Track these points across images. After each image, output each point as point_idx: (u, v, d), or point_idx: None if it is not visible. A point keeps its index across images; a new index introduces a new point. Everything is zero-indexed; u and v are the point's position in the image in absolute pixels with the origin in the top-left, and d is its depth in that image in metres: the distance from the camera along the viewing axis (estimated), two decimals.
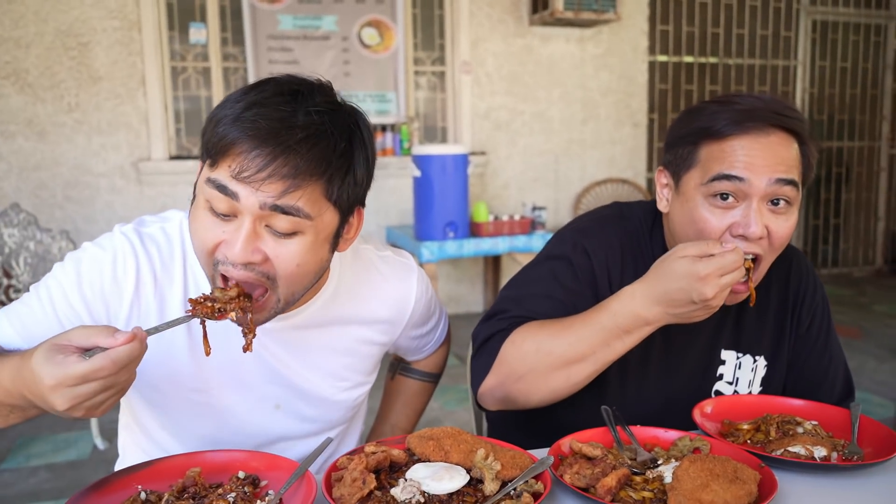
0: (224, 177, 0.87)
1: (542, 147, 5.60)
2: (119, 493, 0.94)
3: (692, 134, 1.12)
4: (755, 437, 1.16)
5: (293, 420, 1.16)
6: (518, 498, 0.91)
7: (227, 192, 0.87)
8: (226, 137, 0.85)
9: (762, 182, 1.06)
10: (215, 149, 0.87)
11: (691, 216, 1.12)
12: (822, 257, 6.95)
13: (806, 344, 1.33)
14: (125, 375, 0.80)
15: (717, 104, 1.12)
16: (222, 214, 0.89)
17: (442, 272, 5.37)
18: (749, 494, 0.90)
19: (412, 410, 1.41)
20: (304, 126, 0.86)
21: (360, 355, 1.18)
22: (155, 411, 1.15)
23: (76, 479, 2.84)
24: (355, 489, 0.90)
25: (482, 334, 1.20)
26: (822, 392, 1.32)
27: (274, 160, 0.84)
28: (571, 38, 5.54)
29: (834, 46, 6.61)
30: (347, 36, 5.04)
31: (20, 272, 3.14)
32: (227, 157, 0.86)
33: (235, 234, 0.88)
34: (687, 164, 1.13)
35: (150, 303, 1.00)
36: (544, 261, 1.25)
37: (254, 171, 0.84)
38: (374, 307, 1.16)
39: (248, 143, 0.85)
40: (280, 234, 0.90)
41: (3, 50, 4.40)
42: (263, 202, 0.87)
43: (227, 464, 1.01)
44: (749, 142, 1.06)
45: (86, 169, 4.62)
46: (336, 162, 0.89)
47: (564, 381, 1.11)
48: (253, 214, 0.88)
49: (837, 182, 6.89)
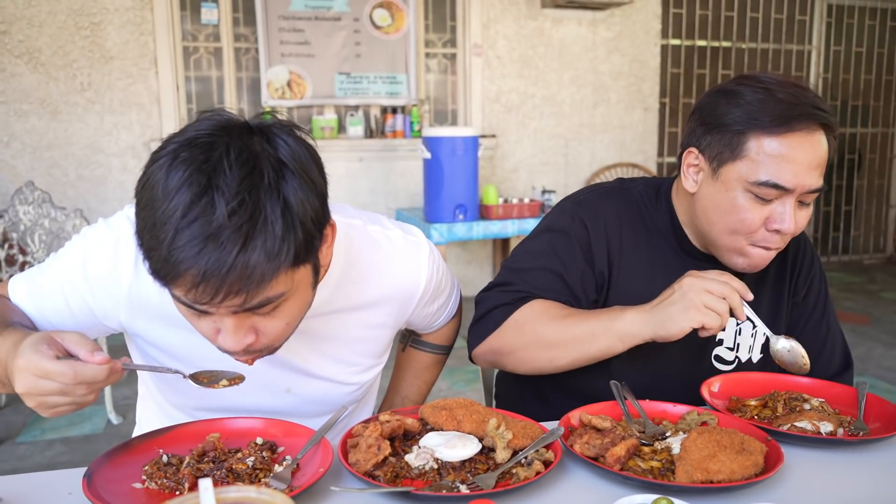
0: (184, 297, 0.84)
1: (553, 131, 5.59)
2: (141, 456, 0.97)
3: (738, 123, 1.13)
4: (762, 413, 1.18)
5: (305, 402, 1.17)
6: (529, 466, 0.93)
7: (195, 310, 0.86)
8: (167, 273, 0.81)
9: (803, 189, 1.13)
10: (160, 277, 0.83)
11: (732, 205, 1.16)
12: (832, 244, 6.92)
13: (803, 313, 1.36)
14: (83, 391, 0.84)
15: (753, 89, 1.14)
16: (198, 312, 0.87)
17: (451, 254, 5.39)
18: (755, 465, 0.92)
19: (423, 382, 1.43)
20: (235, 230, 0.79)
21: (370, 340, 1.18)
22: (169, 388, 1.17)
23: (91, 452, 2.89)
24: (370, 455, 0.93)
25: (486, 303, 1.27)
26: (821, 363, 1.34)
27: (222, 284, 0.80)
28: (584, 21, 5.51)
29: (849, 31, 6.54)
30: (359, 17, 5.03)
31: (35, 249, 3.18)
32: (177, 286, 0.83)
33: (221, 324, 0.88)
34: (734, 155, 1.14)
35: (149, 279, 0.93)
36: (545, 233, 1.30)
37: (209, 298, 0.81)
38: (382, 289, 1.15)
39: (190, 277, 0.80)
40: (262, 314, 0.89)
41: (16, 29, 4.42)
42: (233, 310, 0.85)
43: (246, 430, 1.04)
44: (798, 143, 1.11)
45: (98, 148, 4.65)
46: (281, 243, 0.82)
47: (548, 362, 1.20)
48: (229, 315, 0.87)
49: (850, 169, 6.84)
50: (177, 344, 1.06)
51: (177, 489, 0.91)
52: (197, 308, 0.85)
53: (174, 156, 0.82)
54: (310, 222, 0.85)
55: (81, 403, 0.86)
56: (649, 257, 1.28)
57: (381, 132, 5.21)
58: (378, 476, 0.92)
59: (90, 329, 1.07)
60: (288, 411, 1.15)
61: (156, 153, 0.85)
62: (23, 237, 3.17)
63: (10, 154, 4.50)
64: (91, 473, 0.89)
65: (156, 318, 1.05)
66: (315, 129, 5.01)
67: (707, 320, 1.06)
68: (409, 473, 0.94)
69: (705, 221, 1.21)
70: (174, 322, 1.01)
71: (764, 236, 1.16)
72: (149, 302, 1.03)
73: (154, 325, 1.06)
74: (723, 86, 1.20)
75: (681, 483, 0.90)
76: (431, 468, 0.94)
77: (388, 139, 5.16)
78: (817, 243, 6.85)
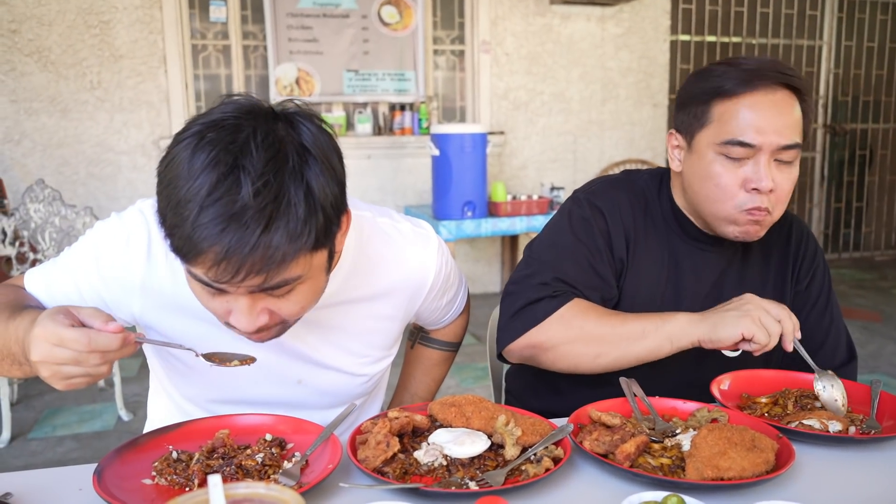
0: (204, 276, 0.85)
1: (561, 127, 5.57)
2: (151, 452, 0.97)
3: (704, 94, 1.19)
4: (773, 411, 1.17)
5: (315, 394, 1.18)
6: (538, 463, 0.93)
7: (213, 288, 0.87)
8: (189, 250, 0.83)
9: (770, 147, 1.15)
10: (181, 252, 0.84)
11: (707, 172, 1.19)
12: (843, 241, 6.87)
13: (806, 302, 1.36)
14: (97, 360, 0.84)
15: (724, 65, 1.20)
16: (214, 291, 0.88)
17: (459, 252, 5.38)
18: (766, 463, 0.92)
19: (431, 380, 1.43)
20: (259, 212, 0.80)
21: (379, 332, 1.19)
22: (181, 380, 1.18)
23: (101, 449, 2.91)
24: (379, 451, 0.93)
25: (522, 297, 1.24)
26: (825, 353, 1.34)
27: (243, 262, 0.81)
28: (592, 17, 5.48)
29: (861, 26, 6.49)
30: (367, 14, 5.02)
31: (46, 246, 3.20)
32: (198, 264, 0.84)
33: (234, 304, 0.89)
34: (700, 123, 1.20)
35: (161, 271, 1.03)
36: (566, 225, 1.31)
37: (230, 277, 0.83)
38: (391, 282, 1.16)
39: (212, 254, 0.81)
40: (277, 296, 0.90)
41: (27, 28, 4.44)
42: (250, 290, 0.87)
43: (255, 427, 1.04)
44: (757, 100, 1.15)
45: (108, 146, 4.67)
46: (303, 226, 0.83)
47: (592, 359, 1.18)
48: (245, 295, 0.88)
49: (861, 164, 6.79)
50: (189, 334, 1.07)
51: (186, 485, 0.91)
52: (215, 286, 0.86)
53: (200, 136, 0.83)
54: (329, 208, 0.86)
55: (95, 375, 0.87)
56: (658, 244, 1.31)
57: (389, 129, 5.21)
58: (387, 473, 0.91)
59: None
60: (299, 403, 1.16)
61: (179, 134, 0.85)
62: (33, 235, 3.19)
63: (20, 152, 4.52)
64: (101, 469, 0.89)
65: (168, 308, 1.06)
66: None
67: (758, 333, 1.07)
68: (418, 470, 0.94)
69: (692, 195, 1.25)
70: (187, 313, 1.03)
71: (746, 199, 1.17)
72: (161, 293, 1.05)
73: (167, 316, 1.07)
74: (698, 69, 1.26)
75: (691, 480, 0.89)
76: (440, 465, 0.94)
77: (397, 136, 5.16)
78: (828, 240, 6.80)
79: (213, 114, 0.86)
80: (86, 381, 0.87)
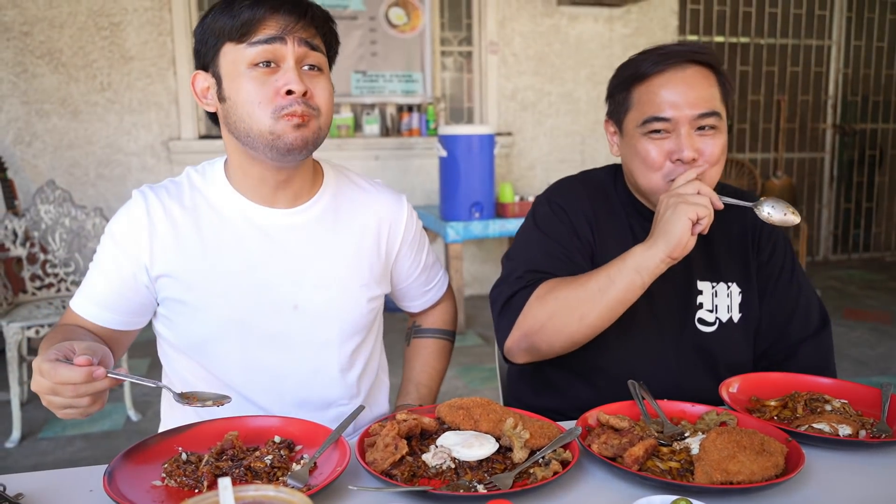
0: (268, 33, 1.09)
1: (569, 128, 5.57)
2: (161, 454, 0.98)
3: (624, 81, 1.29)
4: (782, 414, 1.16)
5: (311, 322, 1.22)
6: (547, 466, 0.93)
7: (274, 41, 1.09)
8: (257, 13, 1.08)
9: (686, 117, 1.22)
10: (249, 24, 1.09)
11: (636, 150, 1.27)
12: (853, 242, 6.84)
13: (771, 274, 1.39)
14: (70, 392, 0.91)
15: (643, 53, 1.28)
16: (265, 64, 1.10)
17: (467, 253, 5.39)
18: (776, 466, 0.91)
19: (432, 369, 1.44)
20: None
21: (364, 259, 1.28)
22: (183, 327, 1.21)
23: (110, 449, 2.92)
24: (388, 454, 0.93)
25: (503, 295, 1.30)
26: (797, 321, 1.36)
27: (301, 16, 1.11)
28: (600, 18, 5.48)
29: (870, 25, 6.46)
30: (375, 16, 5.03)
31: (56, 247, 3.22)
32: (263, 25, 1.09)
33: (285, 76, 1.09)
34: (625, 108, 1.29)
35: (163, 227, 1.18)
36: (532, 225, 1.39)
37: (293, 23, 1.10)
38: (371, 212, 1.30)
39: (280, 12, 1.09)
40: (313, 68, 1.13)
41: (38, 30, 4.47)
42: (300, 40, 1.11)
43: (264, 429, 1.05)
44: (669, 78, 1.23)
45: (117, 147, 4.70)
46: (329, 22, 1.18)
47: (578, 321, 1.20)
48: (294, 55, 1.10)
49: (871, 165, 6.75)
50: (195, 274, 1.17)
51: (196, 487, 0.91)
52: (277, 36, 1.09)
53: None
54: (335, 31, 1.20)
55: (78, 407, 0.93)
56: (620, 227, 1.37)
57: (397, 130, 5.22)
58: (395, 475, 0.92)
59: (135, 297, 1.19)
60: (296, 336, 1.21)
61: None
62: (44, 236, 3.21)
63: (31, 153, 4.55)
64: (112, 471, 0.90)
65: (171, 251, 1.17)
66: (331, 128, 5.02)
67: (699, 210, 1.13)
68: (426, 473, 0.94)
69: (629, 174, 1.33)
70: (191, 252, 1.17)
71: (672, 169, 1.24)
72: (164, 239, 1.17)
73: (173, 259, 1.17)
74: (624, 61, 1.33)
75: (700, 484, 0.89)
76: (449, 468, 0.94)
77: (404, 137, 5.17)
78: (838, 241, 6.77)
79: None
80: (76, 413, 0.95)
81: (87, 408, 0.94)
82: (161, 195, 1.20)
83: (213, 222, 1.19)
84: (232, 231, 1.19)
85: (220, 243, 1.19)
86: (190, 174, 1.25)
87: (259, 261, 1.19)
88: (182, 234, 1.18)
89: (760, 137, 6.39)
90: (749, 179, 6.04)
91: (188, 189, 1.23)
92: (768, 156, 6.38)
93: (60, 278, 3.26)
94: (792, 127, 6.42)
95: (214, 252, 1.18)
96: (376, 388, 1.39)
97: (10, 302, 3.12)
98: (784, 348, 1.35)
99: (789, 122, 6.36)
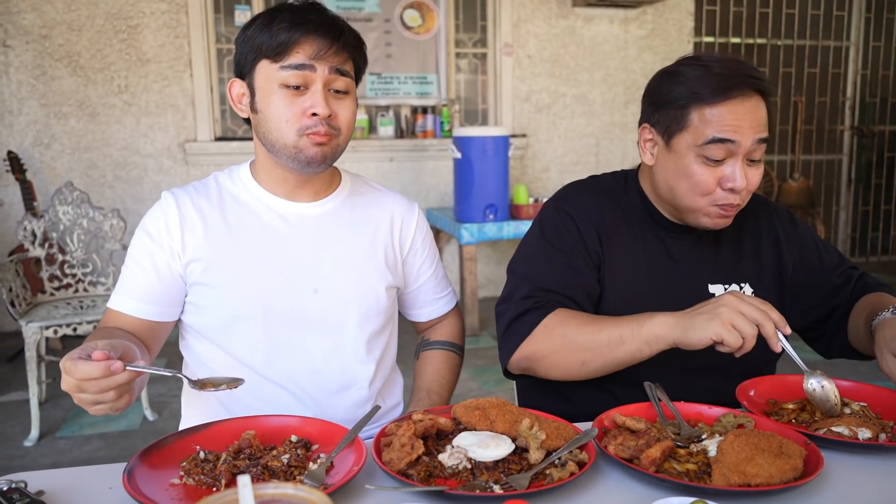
0: (300, 58, 1.17)
1: (584, 130, 5.55)
2: (179, 452, 0.98)
3: (681, 98, 1.25)
4: (800, 417, 1.15)
5: (331, 304, 1.28)
6: (563, 467, 0.93)
7: (305, 67, 1.17)
8: (293, 36, 1.16)
9: (748, 142, 1.21)
10: (284, 46, 1.16)
11: (686, 171, 1.25)
12: (871, 244, 6.76)
13: (811, 265, 1.41)
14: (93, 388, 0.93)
15: (694, 67, 1.25)
16: (294, 87, 1.18)
17: (481, 255, 5.38)
18: (794, 469, 0.91)
19: (442, 378, 1.45)
20: (337, 20, 1.22)
21: (382, 249, 1.35)
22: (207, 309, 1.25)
23: (127, 448, 2.95)
24: (404, 454, 0.93)
25: (508, 314, 1.29)
26: (855, 283, 1.40)
27: (334, 42, 1.18)
28: (615, 19, 5.46)
29: (889, 26, 6.39)
30: (389, 18, 5.05)
31: (74, 248, 3.25)
32: (297, 48, 1.17)
33: (312, 98, 1.18)
34: (679, 127, 1.25)
35: (192, 216, 1.26)
36: (538, 233, 1.38)
37: (326, 50, 1.18)
38: (383, 212, 1.38)
39: (312, 36, 1.17)
40: (340, 92, 1.21)
41: (57, 33, 4.52)
42: (331, 68, 1.19)
43: (281, 428, 1.05)
44: (735, 107, 1.21)
45: (134, 149, 4.74)
46: (360, 46, 1.26)
47: (579, 366, 1.21)
48: (323, 79, 1.18)
49: (889, 167, 6.68)
50: (221, 257, 1.24)
51: (213, 485, 0.92)
52: (308, 64, 1.17)
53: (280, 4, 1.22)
54: (365, 55, 1.28)
55: (104, 402, 0.95)
56: (631, 235, 1.36)
57: (411, 132, 5.23)
58: (411, 475, 0.92)
59: (172, 287, 1.25)
60: (318, 316, 1.27)
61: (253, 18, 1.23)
62: (62, 236, 3.24)
63: (50, 155, 4.61)
64: (131, 469, 0.91)
65: (201, 237, 1.24)
66: None
67: (727, 337, 1.05)
68: (442, 473, 0.94)
69: (667, 190, 1.31)
70: (218, 237, 1.25)
71: (722, 195, 1.24)
72: (194, 227, 1.25)
73: (202, 244, 1.24)
74: (667, 68, 1.30)
75: (718, 486, 0.89)
76: (465, 468, 0.94)
77: (419, 139, 5.17)
78: (855, 243, 6.70)
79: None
80: (105, 409, 0.97)
81: (115, 402, 0.96)
82: (190, 192, 1.30)
83: (238, 211, 1.28)
84: (255, 218, 1.28)
85: (244, 229, 1.27)
86: (217, 176, 1.34)
87: (281, 246, 1.27)
88: (209, 222, 1.26)
89: (777, 139, 6.33)
90: (766, 182, 6.00)
91: (215, 187, 1.32)
92: (785, 158, 6.33)
93: (78, 279, 3.30)
94: (809, 129, 6.36)
95: (240, 236, 1.26)
96: (391, 383, 1.42)
97: (29, 302, 3.16)
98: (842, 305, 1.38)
99: (807, 123, 6.30)
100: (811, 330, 1.43)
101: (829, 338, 1.40)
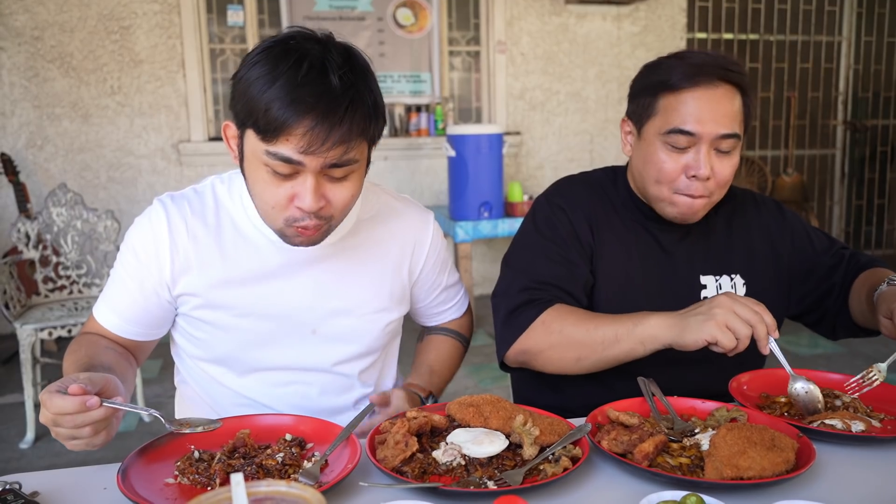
0: (288, 150, 0.99)
1: (578, 127, 5.56)
2: (173, 452, 0.99)
3: (651, 87, 1.27)
4: (793, 410, 1.16)
5: (329, 345, 1.25)
6: (556, 462, 0.93)
7: (292, 162, 1.00)
8: (284, 120, 0.97)
9: (709, 135, 1.22)
10: (272, 128, 0.98)
11: (652, 159, 1.27)
12: (865, 238, 6.78)
13: (805, 252, 1.42)
14: (68, 423, 0.90)
15: (672, 59, 1.27)
16: (284, 175, 1.02)
17: (476, 252, 5.39)
18: (786, 462, 0.91)
19: (444, 359, 1.43)
20: (343, 93, 0.99)
21: (386, 277, 1.28)
22: (204, 351, 1.24)
23: (123, 449, 2.93)
24: (398, 451, 0.94)
25: (504, 308, 1.30)
26: (848, 261, 1.41)
27: (331, 133, 0.98)
28: (608, 16, 5.46)
29: (881, 21, 6.40)
30: (382, 16, 5.05)
31: (68, 250, 3.25)
32: (286, 135, 0.98)
33: (302, 187, 1.03)
34: (648, 114, 1.28)
35: (185, 245, 1.17)
36: (531, 226, 1.39)
37: (318, 146, 0.98)
38: (396, 230, 1.29)
39: (306, 123, 0.97)
40: (337, 179, 1.05)
41: (49, 34, 4.50)
42: (324, 164, 1.01)
43: (275, 427, 1.05)
44: (699, 94, 1.21)
45: (128, 150, 4.73)
46: (372, 116, 1.04)
47: (574, 363, 1.23)
48: (314, 172, 1.02)
49: (882, 161, 6.70)
50: (218, 296, 1.18)
51: (208, 485, 0.92)
52: (296, 160, 0.99)
53: (284, 43, 1.01)
54: (382, 112, 1.06)
55: (80, 437, 0.92)
56: (621, 227, 1.37)
57: (405, 131, 5.23)
58: (406, 472, 0.92)
59: (157, 311, 1.20)
60: (313, 360, 1.24)
61: (252, 52, 1.03)
62: (56, 238, 3.24)
63: (43, 157, 4.59)
64: (125, 469, 0.91)
65: (195, 270, 1.17)
66: None
67: (722, 338, 1.06)
68: (436, 470, 0.94)
69: (639, 177, 1.33)
70: (214, 273, 1.17)
71: (686, 184, 1.25)
72: (187, 257, 1.17)
73: (196, 279, 1.18)
74: (649, 62, 1.32)
75: (710, 480, 0.89)
76: (459, 464, 0.95)
77: (413, 138, 5.17)
78: (850, 237, 6.71)
79: (278, 37, 1.03)
80: (81, 444, 0.93)
81: (91, 438, 0.92)
82: (183, 209, 1.18)
83: (235, 241, 1.19)
84: (253, 251, 1.18)
85: (240, 263, 1.18)
86: (215, 186, 1.22)
87: (280, 286, 1.20)
88: (204, 253, 1.17)
89: (771, 134, 6.35)
90: (759, 177, 6.02)
91: (212, 203, 1.20)
92: (779, 153, 6.35)
93: (73, 280, 3.29)
94: (802, 124, 6.38)
95: (234, 269, 1.18)
96: (392, 386, 1.41)
97: (24, 304, 3.15)
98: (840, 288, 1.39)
99: (800, 118, 6.32)
100: (811, 313, 1.44)
101: (833, 318, 1.41)
